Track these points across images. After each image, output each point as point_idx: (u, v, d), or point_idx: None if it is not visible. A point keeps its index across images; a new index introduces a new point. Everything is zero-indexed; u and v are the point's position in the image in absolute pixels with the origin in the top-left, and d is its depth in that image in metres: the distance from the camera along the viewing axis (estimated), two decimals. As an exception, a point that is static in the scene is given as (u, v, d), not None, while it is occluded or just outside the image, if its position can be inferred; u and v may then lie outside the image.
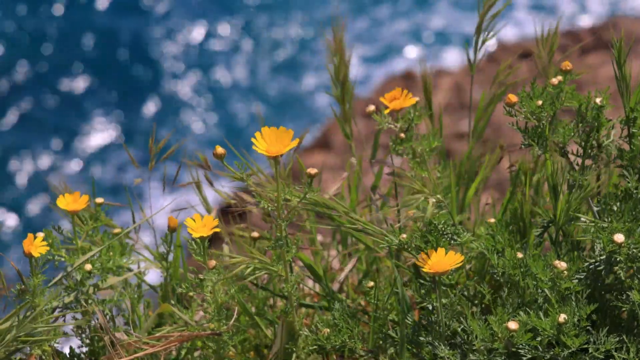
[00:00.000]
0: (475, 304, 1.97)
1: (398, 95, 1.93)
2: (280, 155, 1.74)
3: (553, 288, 1.77)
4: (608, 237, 1.77)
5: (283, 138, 1.74)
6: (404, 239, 1.83)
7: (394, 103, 1.92)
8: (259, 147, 1.74)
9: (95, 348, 2.10)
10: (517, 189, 2.16)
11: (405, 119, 1.95)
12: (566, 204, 1.86)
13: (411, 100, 1.92)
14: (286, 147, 1.73)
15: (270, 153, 1.74)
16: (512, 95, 1.86)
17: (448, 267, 1.74)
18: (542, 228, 1.92)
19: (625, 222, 1.80)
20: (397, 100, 1.92)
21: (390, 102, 1.92)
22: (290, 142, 1.73)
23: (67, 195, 1.98)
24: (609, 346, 1.75)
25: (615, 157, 1.90)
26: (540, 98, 1.86)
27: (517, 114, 1.87)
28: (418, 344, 1.85)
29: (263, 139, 1.74)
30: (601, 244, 1.78)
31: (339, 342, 1.88)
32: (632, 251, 1.77)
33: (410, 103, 1.92)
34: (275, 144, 1.74)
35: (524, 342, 1.72)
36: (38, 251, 1.86)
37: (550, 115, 1.86)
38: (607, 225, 1.79)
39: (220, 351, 1.95)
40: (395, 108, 1.92)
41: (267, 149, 1.74)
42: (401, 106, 1.92)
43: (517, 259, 1.83)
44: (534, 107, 1.86)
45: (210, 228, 1.82)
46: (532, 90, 1.87)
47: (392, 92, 1.92)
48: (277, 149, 1.74)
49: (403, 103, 1.92)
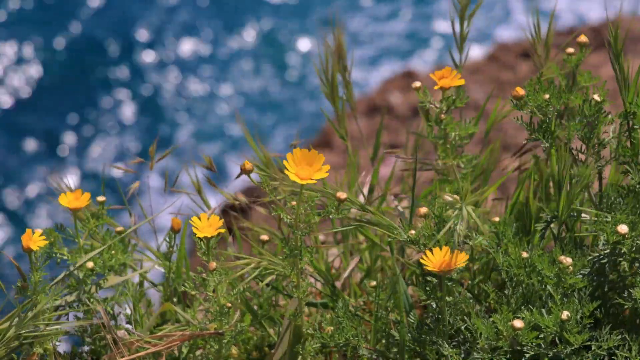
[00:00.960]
0: (479, 302, 1.97)
1: (447, 74, 1.97)
2: (310, 182, 1.72)
3: (558, 284, 1.77)
4: (612, 228, 1.77)
5: (314, 162, 1.73)
6: (412, 235, 1.84)
7: (442, 81, 1.97)
8: (289, 171, 1.72)
9: (96, 347, 2.10)
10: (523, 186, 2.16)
11: (448, 100, 1.99)
12: (567, 198, 1.86)
13: (460, 80, 1.97)
14: (316, 174, 1.72)
15: (301, 178, 1.72)
16: (519, 88, 1.87)
17: (452, 265, 1.74)
18: (545, 223, 1.92)
19: (629, 214, 1.80)
20: (446, 79, 1.97)
21: (439, 79, 1.97)
22: (322, 168, 1.72)
23: (69, 193, 1.98)
24: (612, 343, 1.75)
25: (617, 154, 1.90)
26: (547, 91, 1.86)
27: (523, 107, 1.88)
28: (422, 342, 1.85)
29: (293, 161, 1.73)
30: (605, 237, 1.78)
31: (343, 340, 1.88)
32: (636, 243, 1.77)
33: (458, 83, 1.97)
34: (305, 167, 1.73)
35: (529, 341, 1.72)
36: (37, 245, 1.86)
37: (556, 109, 1.86)
38: (611, 218, 1.79)
39: (222, 351, 1.95)
40: (445, 86, 1.97)
41: (296, 172, 1.72)
42: (449, 85, 1.97)
43: (522, 259, 1.83)
44: (540, 101, 1.86)
45: (216, 228, 1.83)
46: (538, 83, 1.87)
47: (442, 70, 1.98)
48: (307, 173, 1.72)
49: (451, 82, 1.97)
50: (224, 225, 1.86)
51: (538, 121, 1.89)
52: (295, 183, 1.73)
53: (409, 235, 1.85)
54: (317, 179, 1.72)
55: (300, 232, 1.78)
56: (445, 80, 1.97)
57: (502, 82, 6.41)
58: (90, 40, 8.49)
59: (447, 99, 1.99)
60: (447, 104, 2.00)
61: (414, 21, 8.71)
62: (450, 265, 1.74)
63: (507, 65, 6.65)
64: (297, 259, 1.81)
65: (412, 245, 1.85)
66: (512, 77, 6.34)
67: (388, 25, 8.64)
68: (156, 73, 8.32)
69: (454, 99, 2.00)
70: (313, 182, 1.72)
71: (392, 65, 8.14)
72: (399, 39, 8.52)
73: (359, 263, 2.29)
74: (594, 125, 1.87)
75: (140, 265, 2.19)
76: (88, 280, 2.00)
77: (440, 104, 2.00)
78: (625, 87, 1.90)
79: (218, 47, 8.55)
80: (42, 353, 1.89)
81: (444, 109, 2.00)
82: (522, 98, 1.88)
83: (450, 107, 2.00)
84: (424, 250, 1.81)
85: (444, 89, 1.98)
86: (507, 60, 6.71)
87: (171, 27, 8.67)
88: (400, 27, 8.63)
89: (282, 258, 1.81)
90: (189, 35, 8.62)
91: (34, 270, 1.87)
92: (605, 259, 1.82)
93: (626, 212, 1.81)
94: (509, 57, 6.77)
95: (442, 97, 2.00)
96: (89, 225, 2.07)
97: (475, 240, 1.84)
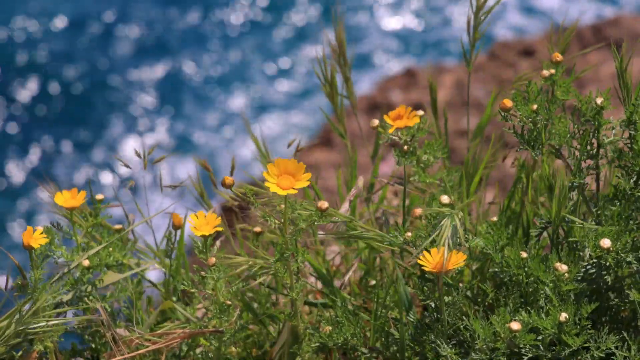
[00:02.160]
0: (477, 303, 1.97)
1: (402, 112, 1.90)
2: (291, 192, 1.70)
3: (554, 289, 1.77)
4: (595, 241, 1.77)
5: (295, 171, 1.71)
6: (408, 238, 1.84)
7: (397, 122, 1.90)
8: (270, 182, 1.70)
9: (96, 345, 2.10)
10: (517, 187, 2.16)
11: (409, 132, 1.94)
12: (557, 205, 1.86)
13: (415, 119, 1.89)
14: (298, 183, 1.71)
15: (282, 188, 1.70)
16: (507, 100, 1.85)
17: (450, 266, 1.74)
18: (540, 229, 1.92)
19: (615, 224, 1.79)
20: (401, 120, 1.90)
21: (394, 120, 1.90)
22: (303, 177, 1.71)
23: (65, 192, 1.99)
24: (610, 344, 1.75)
25: (616, 158, 1.89)
26: (535, 102, 1.85)
27: (512, 118, 1.86)
28: (420, 342, 1.86)
29: (274, 170, 1.71)
30: (589, 249, 1.79)
31: (342, 339, 1.89)
32: (621, 256, 1.76)
33: (414, 122, 1.89)
34: (287, 177, 1.71)
35: (526, 343, 1.73)
36: (38, 243, 1.87)
37: (545, 119, 1.85)
38: (597, 228, 1.79)
39: (222, 348, 1.95)
40: (399, 127, 1.90)
41: (277, 182, 1.70)
42: (405, 125, 1.90)
43: (521, 259, 1.83)
44: (529, 112, 1.85)
45: (213, 226, 1.83)
46: (527, 92, 1.86)
47: (397, 110, 1.90)
48: (289, 183, 1.71)
49: (407, 122, 1.90)
50: (224, 223, 1.86)
51: (527, 130, 1.87)
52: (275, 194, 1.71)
53: (405, 238, 1.85)
54: (298, 188, 1.70)
55: (289, 236, 1.80)
56: (400, 121, 1.89)
57: (502, 80, 6.41)
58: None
59: (409, 130, 1.93)
60: (411, 133, 1.93)
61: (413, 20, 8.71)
62: (447, 265, 1.74)
63: (507, 63, 6.66)
64: (289, 261, 1.82)
65: (408, 247, 1.85)
66: (512, 75, 6.34)
67: (387, 23, 8.64)
68: (166, 64, 8.33)
69: (416, 129, 1.93)
70: (294, 192, 1.70)
71: (391, 64, 8.13)
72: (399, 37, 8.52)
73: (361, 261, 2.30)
74: (594, 129, 1.87)
75: (139, 263, 2.19)
76: (84, 279, 2.00)
77: (402, 138, 1.94)
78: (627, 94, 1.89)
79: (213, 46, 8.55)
80: (42, 350, 1.90)
81: (408, 140, 1.95)
82: (510, 110, 1.86)
83: (414, 137, 1.94)
84: (417, 250, 1.81)
85: (399, 129, 1.91)
86: (508, 58, 6.71)
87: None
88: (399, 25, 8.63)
89: (273, 261, 1.82)
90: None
91: (34, 268, 1.87)
92: (593, 269, 1.82)
93: (610, 223, 1.80)
94: (509, 55, 6.77)
95: (402, 132, 1.94)
96: (86, 223, 2.08)
97: (472, 242, 1.84)
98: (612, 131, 1.87)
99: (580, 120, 1.87)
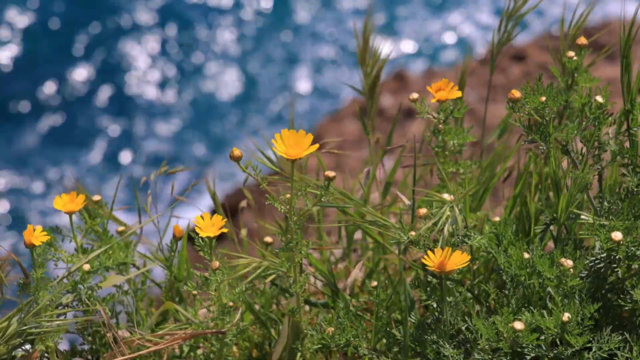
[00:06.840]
0: (480, 303, 1.97)
1: (444, 86, 1.95)
2: (298, 159, 1.76)
3: (559, 286, 1.78)
4: (606, 234, 1.78)
5: (302, 142, 1.76)
6: (412, 236, 1.85)
7: (439, 94, 1.95)
8: (278, 149, 1.76)
9: (97, 345, 2.09)
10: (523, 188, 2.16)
11: (445, 110, 1.98)
12: (565, 201, 1.87)
13: (457, 92, 1.95)
14: (304, 151, 1.76)
15: (289, 156, 1.76)
16: (515, 91, 1.87)
17: (454, 266, 1.75)
18: (544, 225, 1.93)
19: (625, 220, 1.81)
20: (443, 91, 1.95)
21: (436, 92, 1.95)
22: (309, 146, 1.76)
23: (64, 195, 1.98)
24: (613, 345, 1.76)
25: (616, 155, 1.91)
26: (544, 94, 1.87)
27: (519, 110, 1.88)
28: (422, 342, 1.86)
29: (282, 142, 1.76)
30: (600, 242, 1.80)
31: (344, 340, 1.89)
32: (631, 249, 1.78)
33: (455, 95, 1.95)
34: (294, 147, 1.76)
35: (529, 342, 1.73)
36: (39, 240, 1.86)
37: (553, 111, 1.87)
38: (608, 223, 1.80)
39: (224, 349, 1.95)
40: (441, 99, 1.95)
41: (286, 151, 1.76)
42: (446, 97, 1.94)
43: (524, 259, 1.83)
44: (537, 103, 1.87)
45: (219, 228, 1.83)
46: (536, 86, 1.87)
47: (439, 82, 1.95)
48: (296, 152, 1.76)
49: (448, 95, 1.95)
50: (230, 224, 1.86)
51: (535, 123, 1.89)
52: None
53: (409, 237, 1.85)
54: (305, 154, 1.75)
55: (295, 221, 1.80)
56: (442, 92, 1.95)
57: (493, 85, 6.42)
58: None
59: (444, 110, 1.98)
60: (445, 114, 1.99)
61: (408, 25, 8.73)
62: (451, 265, 1.75)
63: (499, 68, 6.67)
64: (295, 251, 1.83)
65: (412, 246, 1.86)
66: (504, 80, 6.36)
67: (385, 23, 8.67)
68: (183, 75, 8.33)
69: (451, 109, 1.98)
70: (302, 157, 1.75)
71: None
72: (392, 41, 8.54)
73: (365, 262, 2.30)
74: (596, 127, 1.88)
75: (144, 264, 2.19)
76: (85, 284, 1.99)
77: (438, 115, 1.98)
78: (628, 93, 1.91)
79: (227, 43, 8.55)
80: (43, 350, 1.89)
81: (442, 119, 1.99)
82: (518, 100, 1.88)
83: (447, 117, 1.99)
84: (421, 249, 1.82)
85: (440, 101, 1.96)
86: (499, 63, 6.73)
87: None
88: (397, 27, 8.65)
89: (280, 250, 1.83)
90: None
91: (36, 267, 1.87)
92: (601, 264, 1.83)
93: (621, 218, 1.81)
94: (501, 60, 6.78)
95: (439, 108, 1.99)
96: (86, 225, 2.07)
97: (474, 240, 1.85)
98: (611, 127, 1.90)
99: (581, 118, 1.88)
